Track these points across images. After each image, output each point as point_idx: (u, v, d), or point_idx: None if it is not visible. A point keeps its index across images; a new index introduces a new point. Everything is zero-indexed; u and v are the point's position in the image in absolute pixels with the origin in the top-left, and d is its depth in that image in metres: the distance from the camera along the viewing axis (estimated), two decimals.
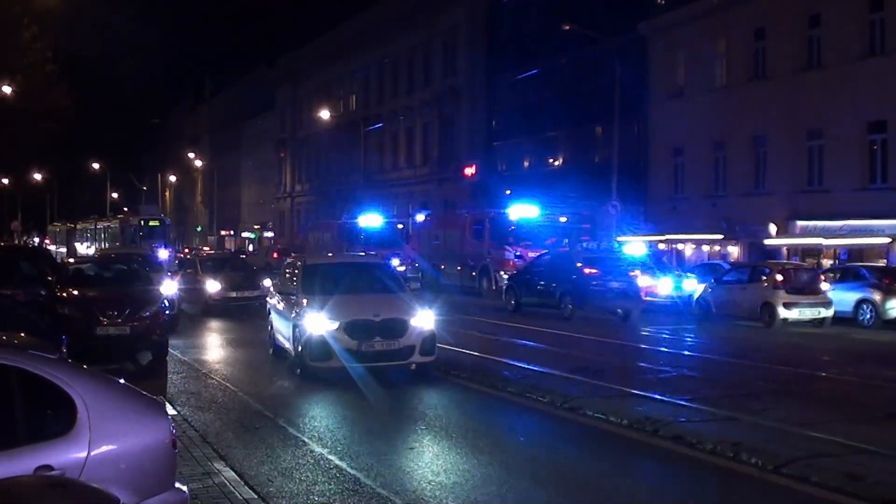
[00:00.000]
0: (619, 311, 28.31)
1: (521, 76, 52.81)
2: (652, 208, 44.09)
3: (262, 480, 9.61)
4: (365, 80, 73.15)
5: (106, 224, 72.23)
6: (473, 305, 33.08)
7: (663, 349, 21.79)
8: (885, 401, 14.17)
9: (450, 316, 25.99)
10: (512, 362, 17.66)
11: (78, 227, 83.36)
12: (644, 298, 31.07)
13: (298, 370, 16.22)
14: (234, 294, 29.64)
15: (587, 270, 28.78)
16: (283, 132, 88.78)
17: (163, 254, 51.97)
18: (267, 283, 28.23)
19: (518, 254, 37.08)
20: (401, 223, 56.94)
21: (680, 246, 43.27)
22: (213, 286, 29.58)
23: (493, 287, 36.62)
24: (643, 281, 31.35)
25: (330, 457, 10.64)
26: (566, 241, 40.31)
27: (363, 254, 32.05)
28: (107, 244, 63.86)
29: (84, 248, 73.28)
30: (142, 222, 60.33)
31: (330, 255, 30.15)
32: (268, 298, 20.06)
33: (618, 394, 14.38)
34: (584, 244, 44.20)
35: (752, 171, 38.96)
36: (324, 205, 76.10)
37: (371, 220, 51.01)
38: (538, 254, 34.29)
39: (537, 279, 30.48)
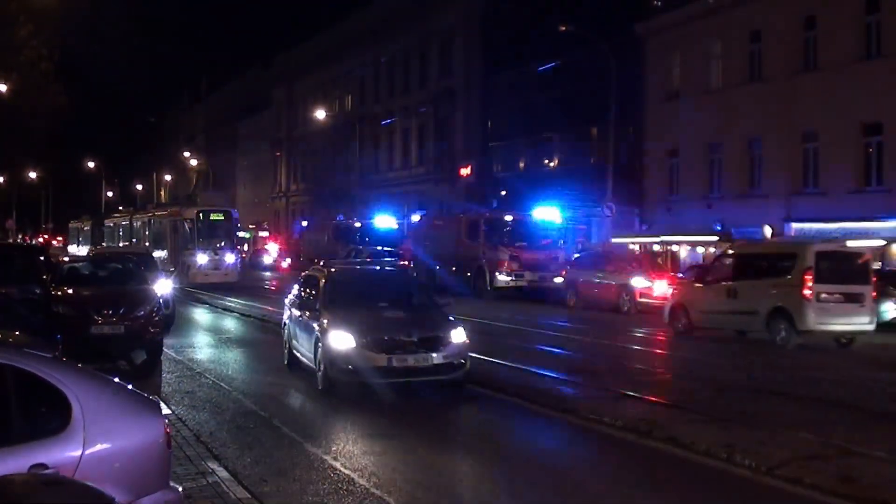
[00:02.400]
0: None
1: (516, 77, 52.82)
2: (647, 209, 44.14)
3: (256, 480, 9.61)
4: (361, 81, 73.15)
5: (147, 218, 55.91)
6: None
7: (657, 351, 21.81)
8: (879, 402, 14.21)
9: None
10: (513, 365, 17.64)
11: (107, 223, 70.54)
12: (638, 300, 31.17)
13: None
14: (384, 361, 14.07)
15: None
16: (278, 132, 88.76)
17: (229, 258, 44.16)
18: (460, 336, 14.65)
19: (513, 254, 37.06)
20: (396, 223, 56.96)
21: (675, 247, 43.32)
22: (340, 339, 14.29)
23: (488, 288, 36.57)
24: (637, 282, 31.42)
25: (324, 457, 10.64)
26: (562, 241, 40.42)
27: None
28: (150, 244, 50.09)
29: None
30: (200, 215, 44.74)
31: None
32: None
33: (611, 395, 14.38)
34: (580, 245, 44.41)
35: (748, 172, 39.03)
36: (319, 204, 76.13)
37: (383, 220, 52.78)
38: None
39: None
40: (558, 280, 36.51)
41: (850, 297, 21.98)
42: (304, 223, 73.47)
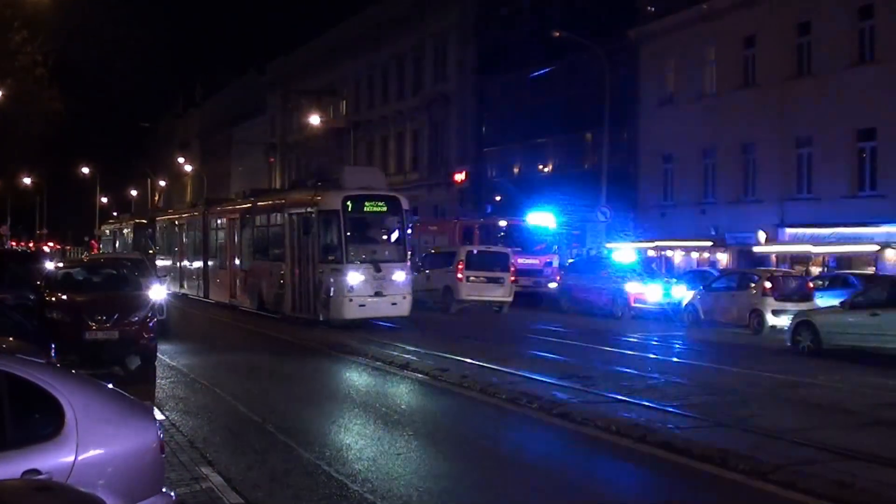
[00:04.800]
0: None
1: (511, 82, 52.85)
2: (641, 215, 44.17)
3: (250, 486, 9.60)
4: (355, 86, 73.17)
5: (241, 212, 34.73)
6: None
7: (651, 356, 21.82)
8: (872, 408, 14.22)
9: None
10: (500, 368, 17.65)
11: (159, 221, 49.38)
12: (633, 305, 31.25)
13: None
14: None
15: None
16: (273, 137, 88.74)
17: (398, 276, 26.53)
18: None
19: None
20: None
21: (669, 253, 43.35)
22: None
23: None
24: (632, 287, 31.48)
25: (318, 462, 10.63)
26: (556, 247, 40.48)
27: None
28: (243, 252, 33.95)
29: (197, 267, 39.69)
30: (349, 204, 26.55)
31: None
32: None
33: (606, 400, 14.39)
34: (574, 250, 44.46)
35: (742, 178, 39.05)
36: None
37: None
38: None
39: None
40: (553, 285, 36.65)
41: (492, 279, 33.32)
42: None
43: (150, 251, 45.57)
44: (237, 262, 34.31)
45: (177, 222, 45.25)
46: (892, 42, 32.42)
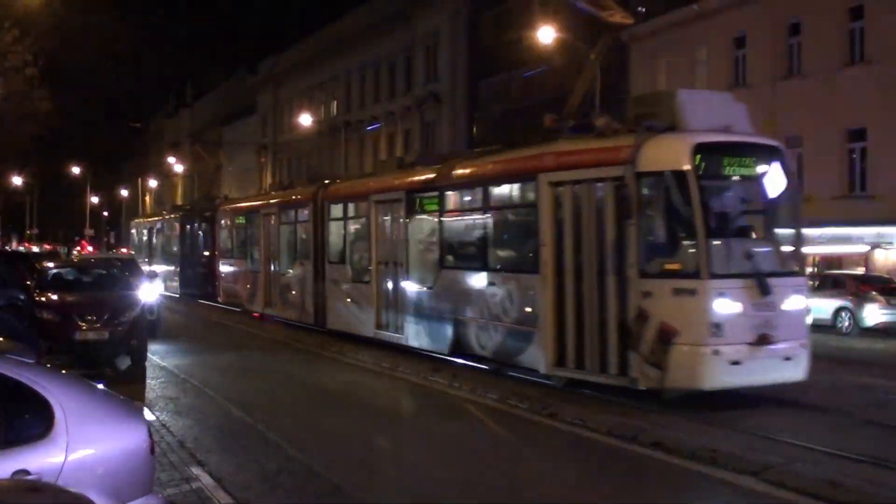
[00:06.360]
0: None
1: (502, 82, 52.84)
2: None
3: (240, 486, 9.58)
4: (346, 85, 73.13)
5: (425, 184, 20.67)
6: None
7: None
8: (863, 407, 14.24)
9: None
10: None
11: (227, 211, 36.71)
12: None
13: None
14: None
15: None
16: (264, 136, 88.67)
17: (796, 304, 14.40)
18: None
19: None
20: None
21: None
22: None
23: None
24: None
25: (309, 462, 10.63)
26: None
27: None
28: (421, 256, 20.26)
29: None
30: (700, 162, 13.65)
31: None
32: None
33: (597, 400, 14.39)
34: None
35: None
36: None
37: None
38: None
39: None
40: None
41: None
42: None
43: (211, 253, 37.34)
44: (399, 272, 20.90)
45: (261, 212, 31.57)
46: (883, 43, 32.48)
